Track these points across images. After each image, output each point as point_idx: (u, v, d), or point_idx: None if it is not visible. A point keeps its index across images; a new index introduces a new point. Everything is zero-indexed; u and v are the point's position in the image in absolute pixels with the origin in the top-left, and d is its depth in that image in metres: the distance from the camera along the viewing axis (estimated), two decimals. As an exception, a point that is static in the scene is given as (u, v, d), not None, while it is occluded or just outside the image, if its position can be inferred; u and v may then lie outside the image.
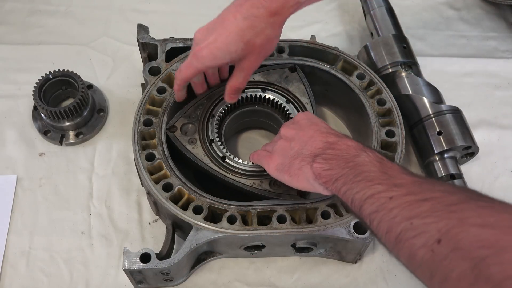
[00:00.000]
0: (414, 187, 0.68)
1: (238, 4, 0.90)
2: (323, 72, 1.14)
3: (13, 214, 1.09)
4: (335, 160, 0.80)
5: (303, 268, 1.05)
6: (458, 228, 0.58)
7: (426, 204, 0.63)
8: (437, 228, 0.60)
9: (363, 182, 0.73)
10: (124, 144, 1.18)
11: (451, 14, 1.47)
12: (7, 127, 1.20)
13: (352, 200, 0.74)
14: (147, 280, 0.98)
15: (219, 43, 0.90)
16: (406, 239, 0.63)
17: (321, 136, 0.86)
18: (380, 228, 0.68)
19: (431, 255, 0.60)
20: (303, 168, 0.84)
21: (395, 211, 0.66)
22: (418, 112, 1.14)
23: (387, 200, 0.68)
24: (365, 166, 0.76)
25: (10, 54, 1.32)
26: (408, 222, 0.64)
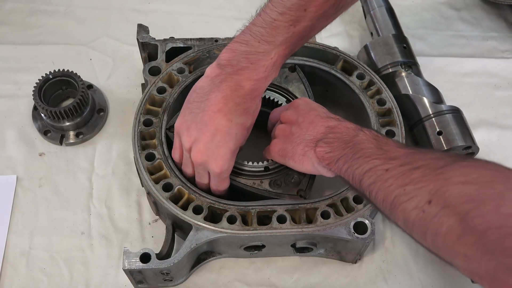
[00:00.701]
0: (407, 158, 0.73)
1: (219, 110, 0.88)
2: (323, 72, 1.14)
3: (13, 214, 1.09)
4: (336, 143, 0.84)
5: (303, 268, 1.05)
6: (445, 187, 0.63)
7: (418, 171, 0.68)
8: (427, 191, 0.65)
9: (362, 158, 0.78)
10: (124, 144, 1.18)
11: (451, 14, 1.47)
12: (7, 127, 1.20)
13: (352, 176, 0.79)
14: (147, 280, 0.98)
15: (232, 148, 0.90)
16: (400, 204, 0.69)
17: (322, 121, 0.89)
18: (377, 197, 0.74)
19: (422, 215, 0.65)
20: (307, 153, 0.88)
21: (390, 181, 0.71)
22: (418, 112, 1.14)
23: (383, 172, 0.73)
24: (362, 144, 0.81)
25: (10, 54, 1.32)
26: (401, 189, 0.69)
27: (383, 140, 0.80)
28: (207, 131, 0.89)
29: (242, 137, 0.93)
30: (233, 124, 0.89)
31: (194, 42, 1.15)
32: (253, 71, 0.88)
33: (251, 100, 0.90)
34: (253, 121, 0.94)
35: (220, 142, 0.89)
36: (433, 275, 1.04)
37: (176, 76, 1.10)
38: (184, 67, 1.11)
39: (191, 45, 1.14)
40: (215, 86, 0.89)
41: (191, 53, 1.13)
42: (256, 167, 1.01)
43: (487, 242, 0.57)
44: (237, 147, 0.92)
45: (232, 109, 0.88)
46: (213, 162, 0.90)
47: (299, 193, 0.98)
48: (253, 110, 0.92)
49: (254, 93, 0.91)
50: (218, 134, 0.89)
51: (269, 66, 0.88)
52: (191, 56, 1.13)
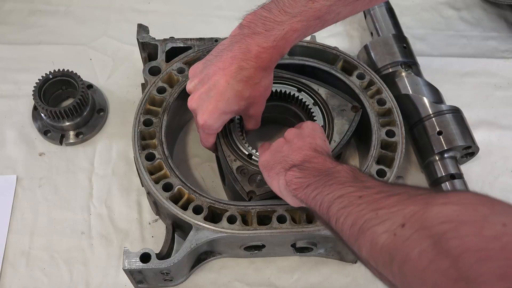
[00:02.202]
0: (385, 187, 0.68)
1: (224, 67, 0.90)
2: (323, 72, 1.14)
3: (13, 214, 1.09)
4: (309, 171, 0.82)
5: (303, 268, 1.05)
6: (423, 210, 0.57)
7: (394, 197, 0.63)
8: (402, 214, 0.59)
9: (335, 185, 0.75)
10: (124, 144, 1.18)
11: (451, 14, 1.47)
12: (7, 127, 1.20)
13: (321, 203, 0.75)
14: (147, 280, 0.98)
15: (221, 109, 0.92)
16: (369, 227, 0.63)
17: (308, 149, 0.88)
18: (345, 223, 0.68)
19: (393, 238, 0.59)
20: (280, 174, 0.87)
21: (363, 206, 0.66)
22: (418, 112, 1.14)
23: (356, 198, 0.68)
24: (338, 173, 0.78)
25: (10, 54, 1.32)
26: (373, 213, 0.63)
27: (360, 173, 0.77)
28: (206, 83, 0.92)
29: (235, 105, 0.92)
30: (229, 87, 0.90)
31: (194, 42, 1.15)
32: (264, 38, 0.88)
33: (255, 70, 0.90)
34: (254, 95, 0.93)
35: (212, 98, 0.91)
36: (433, 275, 1.04)
37: (176, 76, 1.10)
38: (184, 67, 1.11)
39: (191, 45, 1.14)
40: (230, 45, 0.91)
41: (191, 53, 1.13)
42: None
43: (462, 266, 0.50)
44: (228, 111, 0.93)
45: (234, 72, 0.89)
46: (199, 113, 0.93)
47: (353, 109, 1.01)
48: (255, 82, 0.91)
49: (259, 62, 0.89)
50: (213, 90, 0.91)
51: (278, 36, 0.88)
52: (191, 56, 1.13)
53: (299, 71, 1.14)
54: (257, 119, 1.02)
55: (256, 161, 1.02)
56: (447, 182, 1.10)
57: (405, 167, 1.18)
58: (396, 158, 1.02)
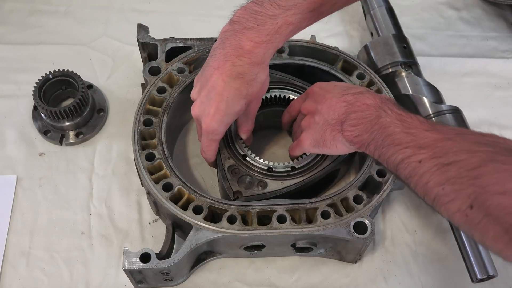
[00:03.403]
0: (437, 148, 0.75)
1: (218, 67, 0.89)
2: (323, 72, 1.14)
3: (13, 214, 1.09)
4: (362, 125, 0.86)
5: (303, 268, 1.05)
6: (484, 196, 0.66)
7: (452, 169, 0.71)
8: (467, 195, 0.68)
9: (392, 146, 0.81)
10: (124, 144, 1.18)
11: (451, 14, 1.47)
12: (7, 127, 1.20)
13: (387, 163, 0.83)
14: (147, 280, 0.98)
15: (223, 110, 0.90)
16: (442, 204, 0.73)
17: (339, 101, 0.90)
18: (417, 191, 0.78)
19: (466, 219, 0.69)
20: (336, 136, 0.89)
21: (426, 176, 0.74)
22: (418, 112, 1.14)
23: (417, 164, 0.76)
24: (389, 127, 0.82)
25: (10, 54, 1.32)
26: (440, 188, 0.72)
27: (408, 120, 0.81)
28: (205, 87, 0.91)
29: (236, 104, 0.90)
30: (226, 86, 0.88)
31: (194, 42, 1.15)
32: (256, 33, 0.87)
33: (249, 66, 0.88)
34: (252, 92, 0.92)
35: (212, 100, 0.90)
36: (433, 275, 1.04)
37: (176, 76, 1.10)
38: (184, 67, 1.11)
39: (191, 45, 1.14)
40: (222, 42, 0.90)
41: (191, 53, 1.13)
42: (283, 168, 1.02)
43: None
44: (230, 112, 0.91)
45: (228, 69, 0.88)
46: (203, 118, 0.93)
47: None
48: (251, 78, 0.90)
49: (253, 58, 0.88)
50: (212, 92, 0.90)
51: (272, 30, 0.88)
52: (191, 56, 1.13)
53: (299, 71, 1.14)
54: (252, 119, 1.01)
55: (250, 163, 1.02)
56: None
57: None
58: (396, 158, 1.02)
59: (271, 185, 1.00)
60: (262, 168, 1.02)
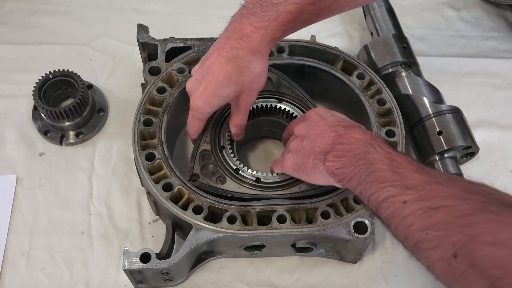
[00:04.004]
0: (425, 190, 0.70)
1: (218, 47, 0.91)
2: (323, 72, 1.14)
3: (13, 214, 1.09)
4: (346, 157, 0.82)
5: (303, 268, 1.05)
6: (471, 245, 0.60)
7: (438, 214, 0.66)
8: (452, 243, 0.63)
9: (376, 183, 0.75)
10: (124, 144, 1.18)
11: (451, 14, 1.47)
12: (7, 127, 1.20)
13: (368, 201, 0.77)
14: (147, 280, 0.98)
15: (211, 90, 0.91)
16: (423, 250, 0.67)
17: (329, 130, 0.87)
18: (398, 233, 0.71)
19: (449, 268, 0.63)
20: (317, 166, 0.86)
21: (410, 219, 0.69)
22: (418, 112, 1.14)
23: (401, 205, 0.70)
24: (376, 164, 0.77)
25: (10, 54, 1.32)
26: (423, 233, 0.66)
27: (397, 159, 0.77)
28: (203, 65, 0.93)
29: (225, 88, 0.91)
30: (220, 68, 0.89)
31: (194, 42, 1.15)
32: (257, 18, 0.89)
33: (244, 50, 0.89)
34: (243, 81, 0.91)
35: (204, 79, 0.91)
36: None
37: (176, 76, 1.10)
38: (184, 67, 1.11)
39: (191, 45, 1.14)
40: (228, 25, 0.92)
41: (191, 53, 1.13)
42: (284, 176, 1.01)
43: None
44: (218, 94, 0.91)
45: (226, 51, 0.89)
46: (192, 95, 0.94)
47: None
48: (244, 65, 0.90)
49: (249, 42, 0.89)
50: (207, 71, 0.91)
51: (271, 17, 0.88)
52: (191, 56, 1.13)
53: (299, 71, 1.14)
54: (244, 113, 0.99)
55: (223, 156, 1.03)
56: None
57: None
58: (396, 158, 1.02)
59: (229, 185, 1.00)
60: (231, 166, 1.02)
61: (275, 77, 1.12)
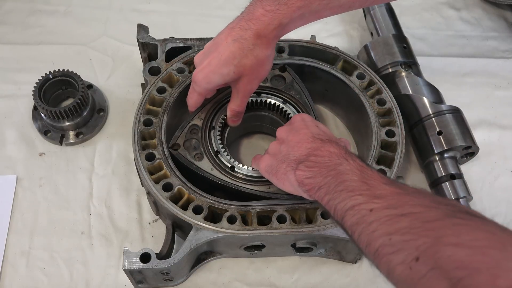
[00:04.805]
0: (393, 200, 0.68)
1: (230, 27, 0.93)
2: (323, 72, 1.14)
3: (13, 214, 1.09)
4: (317, 168, 0.81)
5: (303, 268, 1.05)
6: (435, 247, 0.59)
7: (405, 220, 0.64)
8: (415, 246, 0.61)
9: (345, 192, 0.74)
10: (124, 144, 1.18)
11: (451, 14, 1.47)
12: (7, 127, 1.20)
13: (334, 210, 0.75)
14: (147, 280, 0.98)
15: (213, 66, 0.94)
16: (384, 255, 0.64)
17: (307, 141, 0.87)
18: (360, 240, 0.69)
19: (409, 272, 0.60)
20: (288, 173, 0.86)
21: (375, 225, 0.67)
22: (418, 112, 1.14)
23: (367, 212, 0.69)
24: (346, 175, 0.76)
25: (10, 54, 1.32)
26: (387, 238, 0.65)
27: (368, 172, 0.76)
28: (214, 40, 0.95)
29: (225, 67, 0.92)
30: (225, 46, 0.91)
31: (194, 42, 1.15)
32: (269, 2, 0.90)
33: (251, 33, 0.90)
34: (245, 64, 0.92)
35: (211, 54, 0.94)
36: (433, 275, 1.04)
37: (176, 76, 1.10)
38: (184, 67, 1.11)
39: (191, 45, 1.14)
40: (245, 7, 0.94)
41: (191, 53, 1.13)
42: None
43: None
44: (218, 72, 0.93)
45: (235, 31, 0.91)
46: (198, 66, 0.97)
47: None
48: (248, 48, 0.91)
49: (257, 25, 0.90)
50: (214, 47, 0.94)
51: (282, 1, 0.89)
52: (191, 56, 1.12)
53: (299, 71, 1.14)
54: (242, 99, 1.00)
55: (209, 137, 1.05)
56: (447, 182, 1.10)
57: (405, 167, 1.18)
58: (396, 158, 1.02)
59: (203, 164, 1.01)
60: (213, 147, 1.04)
61: (290, 78, 1.13)
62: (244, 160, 1.15)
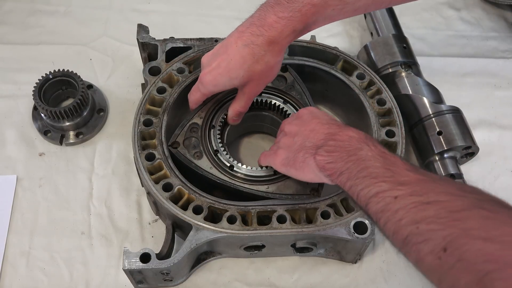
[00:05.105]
0: (418, 186, 0.69)
1: (241, 31, 0.92)
2: (323, 72, 1.14)
3: (13, 214, 1.09)
4: (338, 153, 0.81)
5: (303, 268, 1.05)
6: (463, 239, 0.59)
7: (431, 208, 0.64)
8: (442, 236, 0.61)
9: (368, 179, 0.74)
10: (124, 144, 1.18)
11: (451, 14, 1.47)
12: (7, 127, 1.20)
13: (357, 196, 0.75)
14: (147, 280, 0.98)
15: (222, 69, 0.93)
16: (413, 244, 0.65)
17: (322, 127, 0.87)
18: (387, 228, 0.70)
19: (439, 262, 0.61)
20: (307, 160, 0.85)
21: (401, 213, 0.67)
22: (418, 112, 1.14)
23: (392, 200, 0.69)
24: (368, 161, 0.76)
25: (10, 54, 1.32)
26: (414, 226, 0.65)
27: (390, 158, 0.76)
28: (223, 42, 0.95)
29: (234, 71, 0.92)
30: (236, 50, 0.91)
31: (194, 42, 1.15)
32: (282, 8, 0.89)
33: (263, 39, 0.90)
34: (254, 70, 0.92)
35: (219, 57, 0.94)
36: (433, 275, 1.04)
37: (176, 76, 1.10)
38: (184, 67, 1.11)
39: (191, 45, 1.14)
40: (255, 12, 0.93)
41: (191, 53, 1.13)
42: (263, 172, 1.02)
43: None
44: (226, 75, 0.93)
45: (246, 36, 0.91)
46: (205, 68, 0.97)
47: (312, 192, 0.99)
48: (260, 54, 0.90)
49: (269, 32, 0.89)
50: (223, 48, 0.94)
51: (295, 8, 0.88)
52: (191, 56, 1.13)
53: (299, 71, 1.14)
54: (247, 101, 1.01)
55: (209, 136, 1.05)
56: (450, 181, 1.09)
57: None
58: (396, 158, 1.02)
59: (203, 163, 1.01)
60: (212, 146, 1.04)
61: (291, 79, 1.13)
62: (243, 159, 1.15)
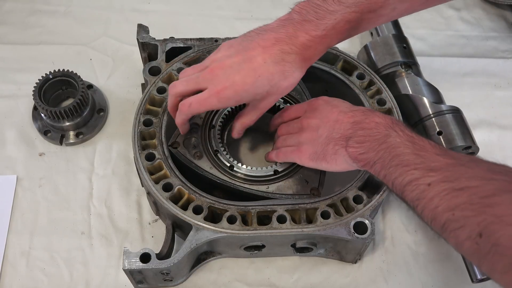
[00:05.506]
0: (448, 172, 0.72)
1: (265, 46, 0.86)
2: (323, 72, 1.14)
3: (13, 214, 1.09)
4: (368, 143, 0.82)
5: (303, 268, 1.05)
6: (496, 225, 0.63)
7: (463, 194, 0.68)
8: (476, 222, 0.65)
9: (400, 167, 0.77)
10: (124, 144, 1.18)
11: (451, 14, 1.47)
12: (7, 127, 1.20)
13: (392, 185, 0.79)
14: (147, 280, 0.98)
15: (248, 86, 0.86)
16: (451, 230, 0.69)
17: (346, 116, 0.87)
18: (424, 215, 0.73)
19: (476, 247, 0.65)
20: (339, 152, 0.86)
21: (436, 200, 0.70)
22: (418, 112, 1.14)
23: (425, 187, 0.72)
24: (398, 148, 0.78)
25: (10, 54, 1.32)
26: (450, 213, 0.68)
27: (419, 143, 0.78)
28: (241, 54, 0.87)
29: (260, 87, 0.87)
30: (264, 66, 0.85)
31: (194, 42, 1.15)
32: (313, 26, 0.86)
33: (296, 57, 0.86)
34: (279, 86, 0.88)
35: (243, 70, 0.86)
36: (433, 274, 1.04)
37: (176, 76, 1.10)
38: (184, 67, 1.11)
39: (191, 45, 1.14)
40: (277, 27, 0.88)
41: (191, 53, 1.13)
42: (263, 172, 1.02)
43: None
44: (250, 90, 0.87)
45: (274, 52, 0.85)
46: (221, 80, 0.87)
47: (312, 192, 0.99)
48: (291, 71, 0.87)
49: (303, 50, 0.86)
50: (247, 63, 0.86)
51: (329, 25, 0.86)
52: (191, 56, 1.13)
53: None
54: (258, 115, 0.96)
55: (209, 136, 1.05)
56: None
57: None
58: (396, 158, 1.02)
59: (203, 163, 1.02)
60: (212, 146, 1.04)
61: None
62: (243, 159, 1.15)
